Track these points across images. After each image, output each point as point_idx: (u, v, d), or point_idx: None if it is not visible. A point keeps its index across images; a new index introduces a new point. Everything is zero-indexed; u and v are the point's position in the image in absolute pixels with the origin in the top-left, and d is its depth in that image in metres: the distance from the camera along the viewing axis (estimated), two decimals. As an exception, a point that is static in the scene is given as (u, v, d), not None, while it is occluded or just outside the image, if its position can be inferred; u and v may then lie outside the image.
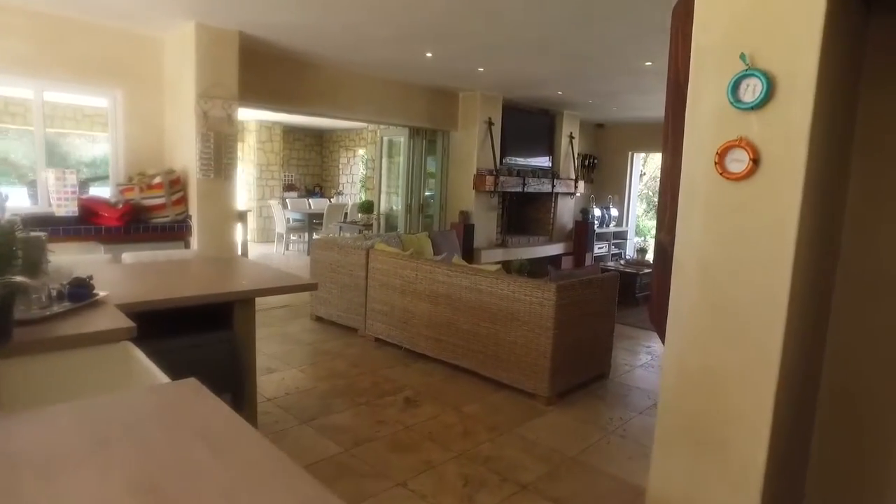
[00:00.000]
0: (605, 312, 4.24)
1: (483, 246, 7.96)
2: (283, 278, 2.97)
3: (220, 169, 4.71)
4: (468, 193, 7.75)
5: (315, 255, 5.62)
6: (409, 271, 4.65)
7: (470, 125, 7.69)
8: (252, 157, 11.78)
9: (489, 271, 4.13)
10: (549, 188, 8.79)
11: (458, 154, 7.85)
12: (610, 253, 10.23)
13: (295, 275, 3.33)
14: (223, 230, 4.85)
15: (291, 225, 10.60)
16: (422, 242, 6.44)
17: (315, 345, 4.96)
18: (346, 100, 6.36)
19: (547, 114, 9.03)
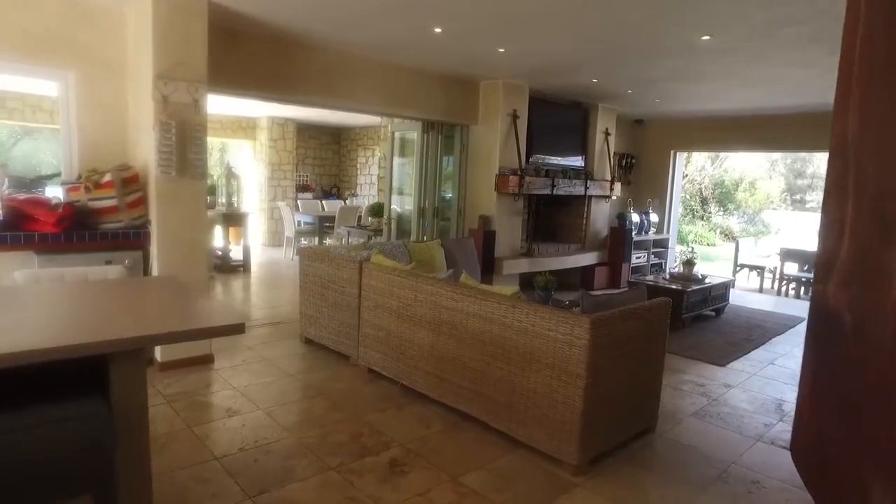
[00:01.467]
0: (652, 351, 3.30)
1: (506, 255, 7.05)
2: (201, 317, 2.14)
3: (185, 165, 3.94)
4: (489, 196, 6.86)
5: (304, 267, 4.81)
6: (406, 291, 3.79)
7: (492, 118, 6.80)
8: (263, 155, 11.12)
9: (504, 295, 3.24)
10: (582, 190, 7.83)
11: (479, 151, 6.97)
12: (649, 263, 9.20)
13: (231, 308, 2.50)
14: (190, 239, 4.07)
15: (301, 228, 9.87)
16: (432, 252, 5.58)
17: (296, 376, 4.14)
18: (345, 87, 5.55)
19: (579, 107, 8.07)
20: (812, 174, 22.55)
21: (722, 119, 8.60)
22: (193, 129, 3.96)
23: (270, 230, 11.26)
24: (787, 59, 4.90)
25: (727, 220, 21.65)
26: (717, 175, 21.69)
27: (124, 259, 3.90)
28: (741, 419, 3.73)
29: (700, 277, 6.41)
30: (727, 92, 6.60)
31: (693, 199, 21.03)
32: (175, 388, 3.80)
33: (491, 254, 6.76)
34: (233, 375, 4.09)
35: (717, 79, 5.87)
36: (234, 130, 11.08)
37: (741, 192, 22.17)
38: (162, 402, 3.55)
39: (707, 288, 6.30)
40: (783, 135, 8.11)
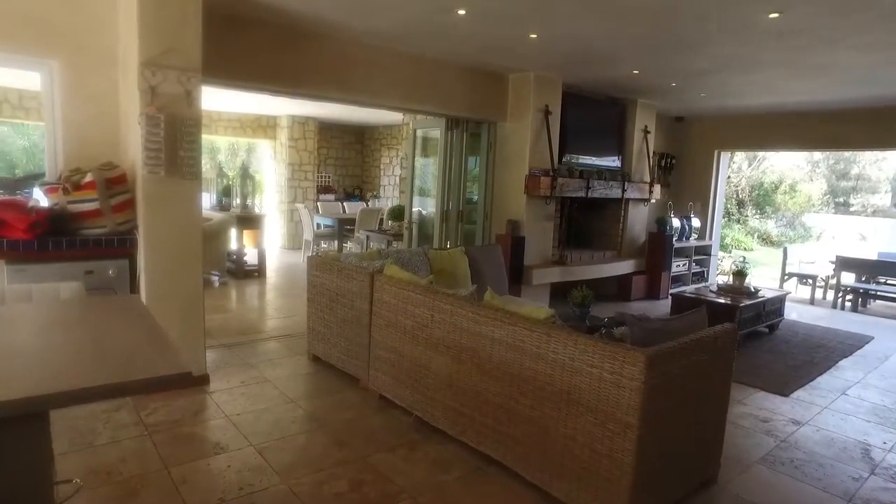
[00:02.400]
0: (716, 388, 2.73)
1: (536, 263, 6.49)
2: (135, 364, 1.64)
3: (176, 164, 3.50)
4: (518, 199, 6.32)
5: (312, 278, 4.34)
6: (422, 310, 3.29)
7: (522, 115, 6.25)
8: (283, 155, 10.75)
9: (535, 320, 2.71)
10: (619, 193, 7.22)
11: (507, 150, 6.44)
12: (690, 272, 8.52)
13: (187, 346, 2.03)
14: (181, 247, 3.63)
15: (321, 231, 9.47)
16: (455, 262, 5.06)
17: (298, 402, 3.67)
18: (361, 80, 5.07)
19: (616, 103, 7.47)
20: (857, 175, 21.38)
21: (772, 115, 7.90)
22: (185, 123, 3.52)
23: (290, 233, 10.89)
24: (858, 43, 4.25)
25: (764, 224, 20.68)
26: (755, 176, 20.72)
27: (108, 269, 3.49)
28: (821, 469, 3.12)
29: (753, 290, 5.75)
30: (782, 83, 5.92)
31: (729, 202, 20.14)
32: (159, 415, 3.36)
33: (519, 262, 6.21)
34: (227, 400, 3.64)
35: (773, 67, 5.21)
36: (254, 130, 10.75)
37: (780, 195, 21.17)
38: (141, 434, 3.11)
39: (761, 302, 5.64)
40: (843, 131, 7.37)
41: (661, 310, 7.17)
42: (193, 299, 3.75)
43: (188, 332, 3.75)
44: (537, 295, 6.50)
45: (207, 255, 7.17)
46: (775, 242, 20.51)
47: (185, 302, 3.71)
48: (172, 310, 3.65)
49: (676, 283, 8.22)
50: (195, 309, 3.77)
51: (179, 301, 3.69)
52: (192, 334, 3.77)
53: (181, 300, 3.69)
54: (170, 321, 3.62)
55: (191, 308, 3.75)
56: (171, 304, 3.64)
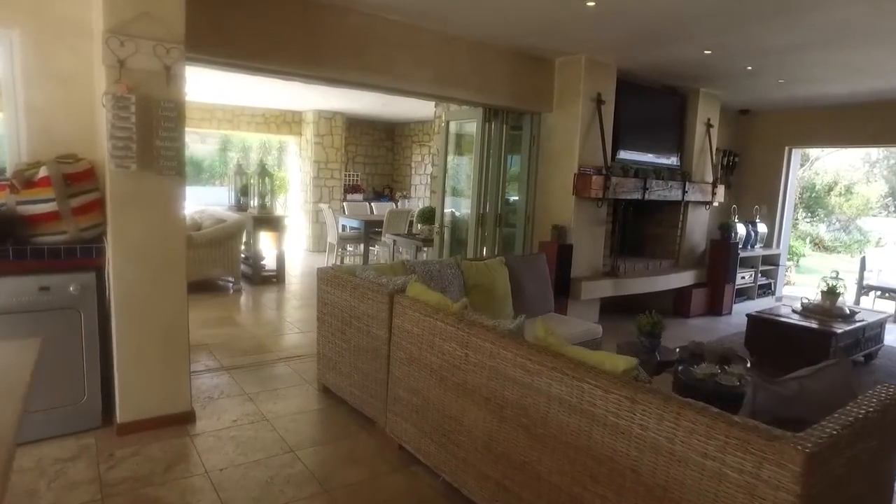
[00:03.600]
0: (880, 479, 1.90)
1: (585, 275, 5.68)
2: None
3: (151, 157, 2.84)
4: (565, 201, 5.51)
5: (322, 294, 3.64)
6: (453, 345, 2.54)
7: (570, 104, 5.45)
8: (309, 152, 10.15)
9: (612, 374, 1.93)
10: (679, 194, 6.34)
11: (553, 145, 5.64)
12: (756, 284, 7.55)
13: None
14: (160, 258, 2.97)
15: (346, 234, 8.81)
16: (493, 274, 4.30)
17: (299, 451, 2.96)
18: (383, 61, 4.35)
19: (675, 93, 6.59)
20: (922, 176, 19.83)
21: (853, 106, 6.88)
22: (163, 107, 2.84)
23: (315, 234, 10.29)
24: None
25: (816, 228, 19.32)
26: (807, 177, 19.34)
27: (68, 285, 2.84)
28: None
29: (848, 312, 4.82)
30: (886, 64, 4.97)
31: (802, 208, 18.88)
32: (124, 468, 2.69)
33: (566, 274, 5.41)
34: (212, 447, 2.95)
35: (881, 42, 4.30)
36: (278, 126, 10.18)
37: (834, 197, 19.76)
38: (93, 500, 2.44)
39: (860, 328, 4.71)
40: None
41: (723, 328, 6.26)
42: (176, 321, 3.08)
43: (169, 361, 3.09)
44: (585, 312, 5.68)
45: (220, 259, 6.61)
46: (828, 248, 19.20)
47: (165, 324, 3.04)
48: (149, 334, 3.00)
49: (740, 298, 7.28)
50: (178, 332, 3.11)
51: (158, 323, 3.02)
52: (174, 363, 3.11)
53: (160, 322, 3.03)
54: (146, 348, 2.96)
55: (172, 331, 3.08)
56: (147, 327, 2.98)
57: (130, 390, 3.00)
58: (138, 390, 3.02)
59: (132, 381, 3.00)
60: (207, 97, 8.85)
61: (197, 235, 6.38)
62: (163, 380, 3.08)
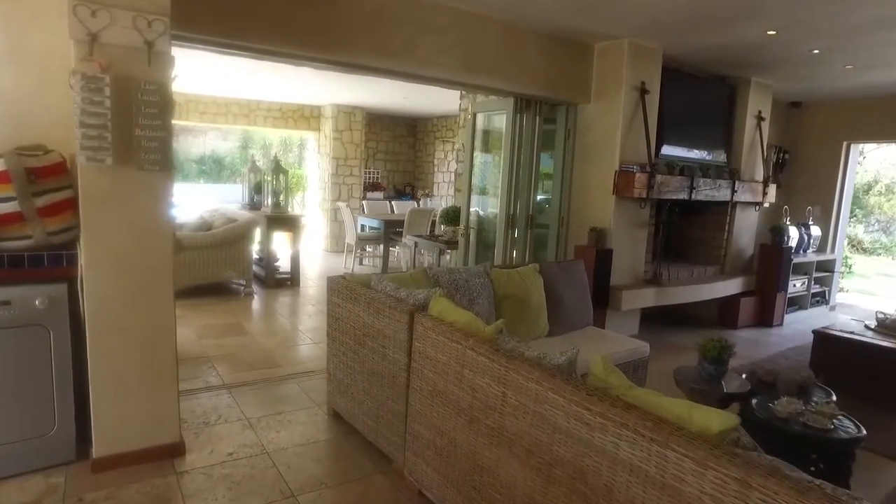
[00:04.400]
0: None
1: (625, 283, 5.15)
2: None
3: (131, 148, 2.41)
4: (604, 201, 4.99)
5: (333, 307, 3.18)
6: (487, 381, 2.06)
7: (611, 94, 4.92)
8: (328, 148, 9.74)
9: (705, 434, 1.43)
10: (728, 194, 5.77)
11: (591, 139, 5.12)
12: (809, 293, 6.92)
13: None
14: (142, 267, 2.54)
15: (365, 234, 8.38)
16: (527, 284, 3.81)
17: (304, 493, 2.51)
18: (404, 43, 3.88)
19: (724, 82, 6.01)
20: (971, 175, 18.78)
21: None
22: (145, 90, 2.41)
23: (333, 234, 9.89)
24: None
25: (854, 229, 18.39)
26: (846, 176, 18.38)
27: (34, 298, 2.42)
28: None
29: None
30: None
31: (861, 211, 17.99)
32: (93, 520, 2.27)
33: (605, 282, 4.89)
34: (200, 489, 2.52)
35: None
36: (296, 120, 9.79)
37: (874, 196, 18.80)
38: (49, 563, 2.02)
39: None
40: None
41: (776, 342, 5.67)
42: (161, 338, 2.65)
43: (154, 385, 2.66)
44: (625, 323, 5.16)
45: (230, 261, 6.22)
46: (867, 250, 18.31)
47: (149, 342, 2.62)
48: (130, 354, 2.57)
49: (792, 307, 6.66)
50: (164, 352, 2.67)
51: (141, 341, 2.60)
52: (159, 387, 2.68)
53: (143, 340, 2.60)
54: (127, 371, 2.54)
55: (158, 350, 2.65)
56: (127, 346, 2.56)
57: (108, 420, 2.58)
58: (117, 420, 2.60)
59: (110, 409, 2.57)
60: (222, 90, 8.50)
61: (205, 236, 6.00)
62: (147, 407, 2.66)
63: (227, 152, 23.40)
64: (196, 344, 4.58)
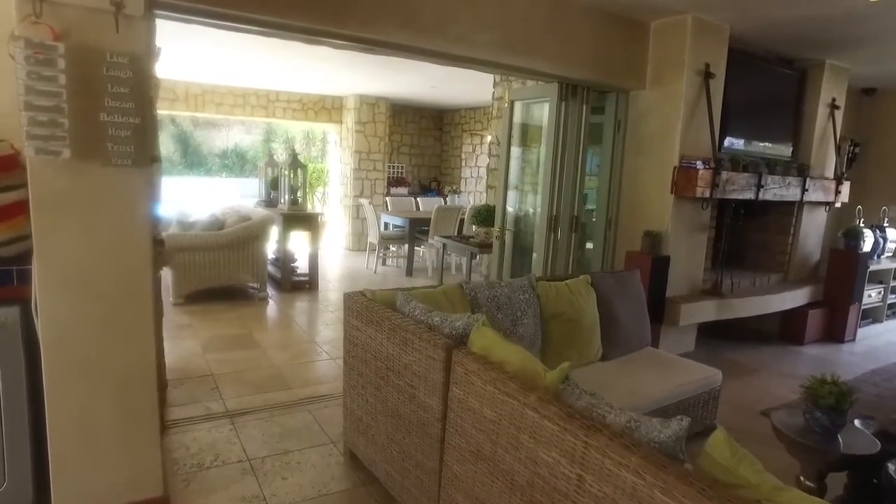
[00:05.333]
0: None
1: (682, 294, 4.54)
2: None
3: (96, 140, 1.90)
4: (662, 201, 4.37)
5: (351, 331, 2.65)
6: (554, 455, 1.50)
7: (670, 79, 4.30)
8: (350, 142, 9.24)
9: None
10: (798, 193, 5.09)
11: (645, 131, 4.50)
12: (885, 304, 6.19)
13: None
14: (112, 289, 2.03)
15: (389, 233, 7.87)
16: (578, 300, 3.24)
17: (307, 581, 1.99)
18: (435, 17, 3.33)
19: (792, 66, 5.33)
20: None
21: None
22: (112, 64, 1.89)
23: (355, 232, 9.40)
24: None
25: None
26: None
27: (-23, 326, 1.93)
28: None
29: None
30: None
31: None
32: None
33: (661, 294, 4.28)
34: (183, 567, 2.01)
35: None
36: (317, 112, 9.30)
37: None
38: None
39: None
40: None
41: (852, 362, 4.98)
42: (138, 374, 2.15)
43: (130, 430, 2.16)
44: (680, 340, 4.57)
45: (242, 262, 5.75)
46: None
47: (121, 381, 2.11)
48: (96, 396, 2.07)
49: (865, 321, 5.96)
50: (142, 391, 2.17)
51: (112, 379, 2.09)
52: (136, 432, 2.18)
53: (115, 376, 2.10)
54: (93, 416, 2.05)
55: (133, 390, 2.15)
56: (93, 384, 2.06)
57: (71, 474, 2.08)
58: (83, 474, 2.10)
59: (74, 460, 2.08)
60: (239, 80, 8.04)
61: (215, 236, 5.53)
62: (121, 458, 2.16)
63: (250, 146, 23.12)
64: (200, 359, 4.10)
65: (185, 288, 5.44)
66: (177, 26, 3.15)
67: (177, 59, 6.73)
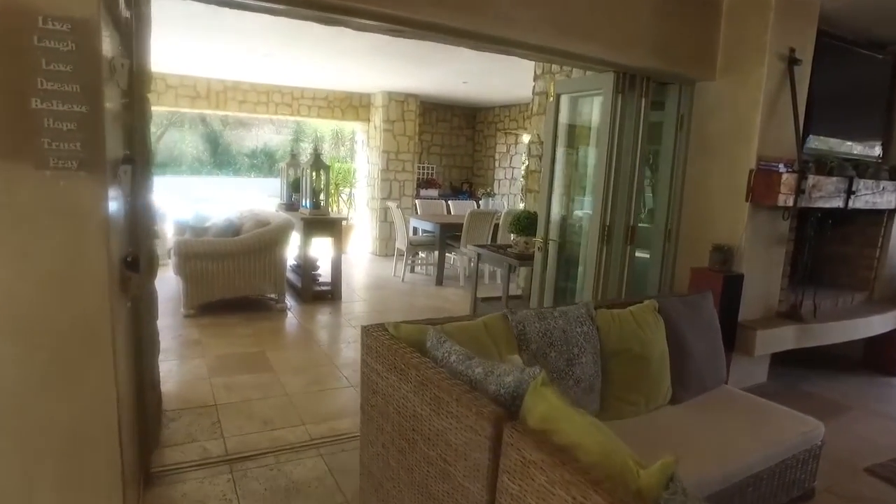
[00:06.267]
0: None
1: (756, 317, 3.91)
2: None
3: (26, 135, 1.41)
4: (735, 209, 3.75)
5: (369, 374, 2.13)
6: None
7: (746, 66, 3.68)
8: (377, 141, 8.77)
9: None
10: (893, 201, 4.40)
11: (714, 127, 3.88)
12: (981, 325, 5.40)
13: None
14: (54, 333, 1.55)
15: (418, 238, 7.37)
16: (645, 331, 2.67)
17: None
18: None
19: (883, 50, 4.62)
20: None
21: None
22: (45, 33, 1.41)
23: (382, 236, 8.92)
24: None
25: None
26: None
27: None
28: None
29: None
30: None
31: None
32: None
33: (732, 318, 3.66)
34: None
35: None
36: (343, 110, 8.85)
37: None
38: None
39: None
40: None
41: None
42: (95, 439, 1.67)
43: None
44: (752, 372, 3.95)
45: (258, 272, 5.29)
46: None
47: (69, 448, 1.63)
48: (34, 467, 1.59)
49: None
50: (99, 460, 1.69)
51: (57, 446, 1.62)
52: (93, 512, 1.70)
53: (61, 444, 1.62)
54: (29, 496, 1.56)
55: (87, 460, 1.67)
56: (30, 453, 1.58)
57: (6, 568, 1.61)
58: (22, 566, 1.63)
59: (9, 551, 1.61)
60: (262, 77, 7.64)
61: (228, 243, 5.10)
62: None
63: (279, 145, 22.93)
64: (205, 384, 3.65)
65: (196, 298, 5.01)
66: (201, 22, 2.68)
67: (197, 56, 6.35)
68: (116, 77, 1.72)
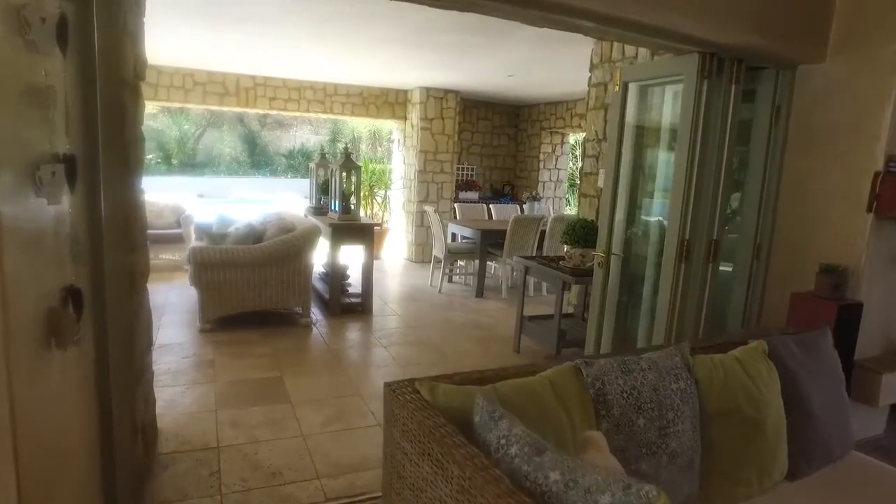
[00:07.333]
0: None
1: (875, 354, 3.18)
2: None
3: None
4: (850, 222, 3.04)
5: (394, 451, 1.55)
6: None
7: (867, 42, 2.96)
8: (414, 140, 8.23)
9: None
10: None
11: (823, 120, 3.17)
12: None
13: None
14: None
15: (456, 245, 6.79)
16: (756, 385, 2.02)
17: None
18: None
19: None
20: None
21: None
22: None
23: (419, 241, 8.38)
24: None
25: None
26: None
27: None
28: None
29: None
30: None
31: None
32: None
33: (848, 357, 2.95)
34: None
35: None
36: (378, 107, 8.35)
37: None
38: None
39: None
40: None
41: None
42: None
43: None
44: (868, 421, 3.20)
45: (281, 283, 4.76)
46: None
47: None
48: None
49: None
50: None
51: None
52: None
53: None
54: None
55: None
56: None
57: None
58: None
59: None
60: (293, 72, 7.20)
61: (248, 251, 4.61)
62: None
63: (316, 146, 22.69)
64: (209, 418, 3.15)
65: (213, 312, 4.56)
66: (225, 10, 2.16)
67: (222, 50, 5.94)
68: (33, 35, 1.19)
